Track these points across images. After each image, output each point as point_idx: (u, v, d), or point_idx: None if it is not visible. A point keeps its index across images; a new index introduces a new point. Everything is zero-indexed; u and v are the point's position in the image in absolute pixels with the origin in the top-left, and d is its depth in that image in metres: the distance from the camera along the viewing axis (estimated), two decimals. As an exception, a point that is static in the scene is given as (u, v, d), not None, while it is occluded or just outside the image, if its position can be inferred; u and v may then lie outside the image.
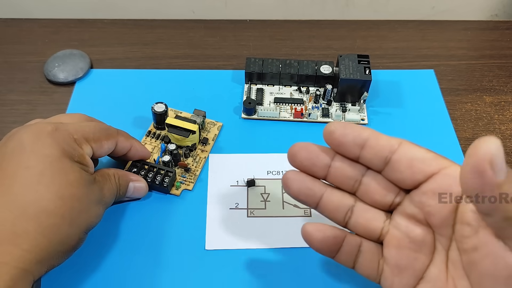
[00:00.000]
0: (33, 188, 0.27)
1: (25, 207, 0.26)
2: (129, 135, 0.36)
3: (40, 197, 0.27)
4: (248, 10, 0.60)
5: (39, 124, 0.30)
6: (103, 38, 0.53)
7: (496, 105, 0.47)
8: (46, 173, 0.27)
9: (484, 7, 0.61)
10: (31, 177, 0.27)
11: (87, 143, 0.31)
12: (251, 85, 0.47)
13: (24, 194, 0.27)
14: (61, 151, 0.28)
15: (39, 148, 0.28)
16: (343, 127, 0.26)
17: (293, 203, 0.38)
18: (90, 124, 0.33)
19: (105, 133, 0.33)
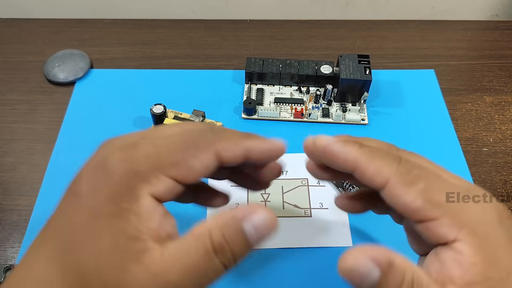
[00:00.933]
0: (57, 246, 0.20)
1: None
2: (239, 135, 0.24)
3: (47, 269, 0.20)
4: (248, 10, 0.60)
5: (108, 150, 0.22)
6: (103, 38, 0.53)
7: (497, 105, 0.47)
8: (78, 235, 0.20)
9: (484, 7, 0.61)
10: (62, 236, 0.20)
11: (160, 175, 0.21)
12: (251, 85, 0.47)
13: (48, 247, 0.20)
14: (109, 194, 0.20)
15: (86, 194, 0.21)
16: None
17: (293, 203, 0.38)
18: (173, 139, 0.22)
19: (193, 148, 0.22)
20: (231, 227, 0.20)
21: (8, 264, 0.33)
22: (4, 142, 0.43)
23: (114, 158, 0.21)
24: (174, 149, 0.21)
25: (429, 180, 0.22)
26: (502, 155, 0.43)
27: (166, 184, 0.21)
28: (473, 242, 0.20)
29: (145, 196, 0.20)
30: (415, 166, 0.22)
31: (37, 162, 0.41)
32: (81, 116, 0.45)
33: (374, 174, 0.22)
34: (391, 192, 0.22)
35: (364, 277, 0.19)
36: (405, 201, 0.21)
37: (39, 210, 0.38)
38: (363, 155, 0.22)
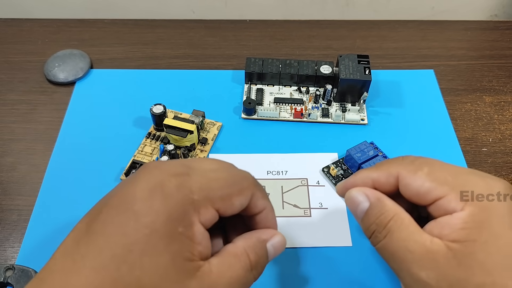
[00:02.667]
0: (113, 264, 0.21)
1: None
2: (265, 193, 0.27)
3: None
4: (248, 10, 0.60)
5: (160, 175, 0.23)
6: (103, 38, 0.53)
7: (496, 105, 0.47)
8: (135, 250, 0.21)
9: (484, 7, 0.61)
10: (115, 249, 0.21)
11: (209, 206, 0.23)
12: (251, 85, 0.47)
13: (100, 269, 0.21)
14: (167, 218, 0.22)
15: (144, 213, 0.22)
16: None
17: (293, 203, 0.38)
18: (221, 175, 0.25)
19: (238, 188, 0.25)
20: (259, 247, 0.25)
21: (8, 264, 0.33)
22: (4, 142, 0.43)
23: (171, 183, 0.23)
24: (223, 185, 0.24)
25: (432, 165, 0.26)
26: (501, 155, 0.43)
27: (212, 214, 0.23)
28: (472, 211, 0.23)
29: (197, 223, 0.23)
30: (417, 157, 0.27)
31: (37, 162, 0.41)
32: (81, 116, 0.45)
33: (387, 177, 0.26)
34: (403, 184, 0.26)
35: (356, 204, 0.27)
36: (416, 187, 0.25)
37: (39, 210, 0.38)
38: (372, 170, 0.27)
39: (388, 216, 0.25)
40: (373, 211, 0.26)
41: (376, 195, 0.26)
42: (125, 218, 0.22)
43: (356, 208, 0.27)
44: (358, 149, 0.39)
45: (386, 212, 0.25)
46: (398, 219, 0.25)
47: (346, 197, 0.27)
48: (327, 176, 0.40)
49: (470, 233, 0.23)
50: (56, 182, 0.40)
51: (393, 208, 0.25)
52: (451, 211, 0.24)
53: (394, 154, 0.41)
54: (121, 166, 0.40)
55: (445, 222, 0.24)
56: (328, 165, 0.41)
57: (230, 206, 0.24)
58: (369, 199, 0.26)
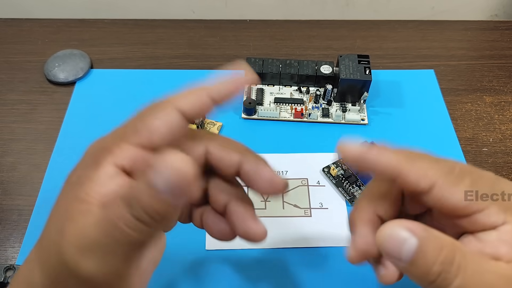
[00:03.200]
0: None
1: None
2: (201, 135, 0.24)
3: None
4: (248, 10, 0.60)
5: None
6: (104, 38, 0.53)
7: (496, 105, 0.47)
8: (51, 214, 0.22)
9: (484, 7, 0.61)
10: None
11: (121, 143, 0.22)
12: (251, 85, 0.47)
13: None
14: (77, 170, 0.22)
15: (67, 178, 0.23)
16: None
17: (293, 203, 0.38)
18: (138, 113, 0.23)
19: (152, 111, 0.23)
20: (140, 179, 0.19)
21: (9, 264, 0.33)
22: (4, 142, 0.43)
23: (90, 145, 0.22)
24: (134, 119, 0.22)
25: (471, 173, 0.22)
26: (502, 155, 0.43)
27: (130, 152, 0.21)
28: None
29: (106, 165, 0.21)
30: (455, 162, 0.23)
31: (37, 162, 0.41)
32: (81, 116, 0.45)
33: (420, 177, 0.22)
34: (439, 194, 0.21)
35: (401, 244, 0.19)
36: (455, 201, 0.21)
37: (39, 210, 0.38)
38: (404, 159, 0.22)
39: (451, 250, 0.20)
40: (429, 248, 0.19)
41: (420, 226, 0.20)
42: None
43: (400, 249, 0.20)
44: (359, 149, 0.39)
45: (446, 244, 0.20)
46: (460, 250, 0.20)
47: (381, 237, 0.20)
48: (328, 176, 0.40)
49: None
50: (56, 182, 0.39)
51: (447, 238, 0.20)
52: (491, 225, 0.21)
53: (395, 154, 0.41)
54: (121, 166, 0.40)
55: (496, 239, 0.21)
56: (328, 165, 0.41)
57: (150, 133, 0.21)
58: (415, 234, 0.19)
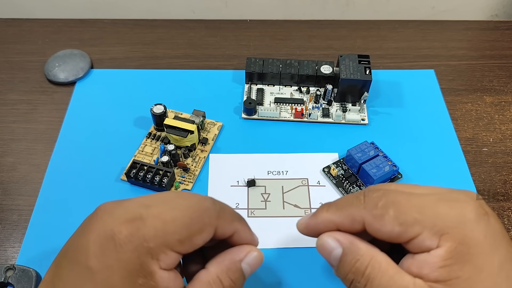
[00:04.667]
0: None
1: None
2: (233, 216, 0.26)
3: None
4: (249, 10, 0.60)
5: (111, 224, 0.22)
6: (104, 38, 0.53)
7: (497, 105, 0.47)
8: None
9: (484, 7, 0.61)
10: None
11: (168, 251, 0.22)
12: (252, 85, 0.47)
13: None
14: (123, 272, 0.21)
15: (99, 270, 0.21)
16: None
17: (293, 203, 0.38)
18: (178, 215, 0.23)
19: (197, 227, 0.23)
20: (233, 270, 0.25)
21: (9, 264, 0.33)
22: (4, 142, 0.43)
23: (122, 233, 0.21)
24: (180, 227, 0.23)
25: (397, 203, 0.23)
26: (502, 155, 0.43)
27: (173, 258, 0.23)
28: (450, 246, 0.22)
29: (158, 271, 0.22)
30: (380, 195, 0.24)
31: (37, 162, 0.41)
32: (81, 116, 0.45)
33: (351, 223, 0.24)
34: (371, 230, 0.24)
35: (329, 252, 0.25)
36: (386, 232, 0.23)
37: (39, 210, 0.38)
38: (332, 213, 0.25)
39: (364, 262, 0.23)
40: (347, 258, 0.24)
41: (348, 239, 0.24)
42: (82, 277, 0.21)
43: (329, 256, 0.25)
44: (359, 149, 0.39)
45: (361, 257, 0.23)
46: (376, 263, 0.23)
47: (317, 244, 0.25)
48: (328, 176, 0.40)
49: (452, 271, 0.22)
50: (56, 182, 0.40)
51: (368, 251, 0.24)
52: (427, 249, 0.22)
53: (395, 154, 0.41)
54: (121, 166, 0.40)
55: (423, 260, 0.22)
56: (328, 165, 0.41)
57: (192, 246, 0.23)
58: (341, 245, 0.24)
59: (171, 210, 0.23)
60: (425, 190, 0.24)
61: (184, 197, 0.24)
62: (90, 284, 0.21)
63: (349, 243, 0.24)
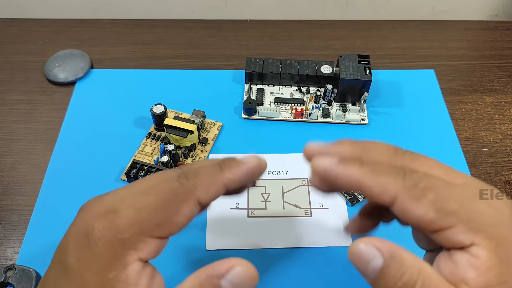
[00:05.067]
0: None
1: None
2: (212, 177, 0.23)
3: None
4: (248, 10, 0.60)
5: (88, 220, 0.22)
6: (104, 38, 0.53)
7: (497, 105, 0.47)
8: None
9: (484, 7, 0.61)
10: None
11: (146, 238, 0.21)
12: (252, 85, 0.47)
13: None
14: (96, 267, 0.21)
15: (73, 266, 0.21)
16: None
17: (293, 203, 0.38)
18: (151, 199, 0.22)
19: (174, 206, 0.22)
20: (207, 286, 0.21)
21: (9, 264, 0.33)
22: (4, 142, 0.43)
23: (96, 228, 0.21)
24: (155, 211, 0.21)
25: (437, 189, 0.21)
26: (502, 155, 0.43)
27: (155, 244, 0.21)
28: (489, 245, 0.20)
29: (133, 262, 0.21)
30: (421, 177, 0.22)
31: (37, 162, 0.41)
32: (81, 116, 0.45)
33: (381, 192, 0.21)
34: (401, 208, 0.21)
35: (367, 262, 0.21)
36: (417, 215, 0.21)
37: (39, 210, 0.38)
38: (366, 175, 0.22)
39: (413, 276, 0.20)
40: (391, 270, 0.20)
41: (389, 247, 0.21)
42: (60, 275, 0.21)
43: (366, 266, 0.21)
44: (359, 149, 0.39)
45: (409, 269, 0.20)
46: (426, 278, 0.20)
47: (352, 252, 0.21)
48: (328, 176, 0.40)
49: (499, 274, 0.20)
50: (56, 182, 0.40)
51: (415, 263, 0.20)
52: (458, 243, 0.21)
53: (395, 154, 0.41)
54: (121, 166, 0.40)
55: (467, 262, 0.20)
56: (328, 165, 0.41)
57: (173, 227, 0.22)
58: (382, 254, 0.20)
59: (144, 197, 0.22)
60: (463, 179, 0.23)
61: (155, 178, 0.23)
62: (65, 281, 0.21)
63: (392, 252, 0.21)
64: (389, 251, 0.21)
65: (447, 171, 0.23)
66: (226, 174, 0.23)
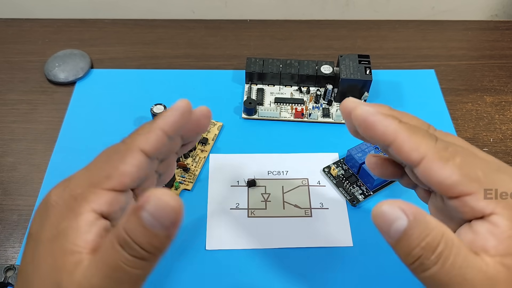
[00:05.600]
0: None
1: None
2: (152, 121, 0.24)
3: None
4: (249, 10, 0.60)
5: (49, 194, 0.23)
6: (104, 38, 0.53)
7: (497, 105, 0.47)
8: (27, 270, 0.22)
9: (484, 7, 0.61)
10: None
11: (97, 190, 0.22)
12: (252, 85, 0.47)
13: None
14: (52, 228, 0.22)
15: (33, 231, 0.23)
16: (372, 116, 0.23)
17: (293, 203, 0.38)
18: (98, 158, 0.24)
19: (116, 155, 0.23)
20: (131, 219, 0.20)
21: (9, 264, 0.33)
22: (4, 142, 0.43)
23: (53, 193, 0.23)
24: (100, 164, 0.23)
25: (465, 156, 0.22)
26: (502, 155, 0.43)
27: (106, 196, 0.22)
28: (510, 215, 0.21)
29: (85, 212, 0.21)
30: (451, 144, 0.23)
31: (37, 162, 0.41)
32: (81, 116, 0.45)
33: (412, 149, 0.22)
34: (427, 168, 0.22)
35: (391, 223, 0.21)
36: (442, 176, 0.22)
37: (39, 210, 0.38)
38: (402, 130, 0.23)
39: (436, 238, 0.20)
40: (415, 231, 0.21)
41: (415, 210, 0.21)
42: (27, 245, 0.23)
43: (389, 227, 0.21)
44: (359, 149, 0.39)
45: (432, 231, 0.20)
46: (448, 241, 0.20)
47: (376, 213, 0.21)
48: (328, 176, 0.40)
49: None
50: (56, 182, 0.39)
51: (438, 226, 0.21)
52: (479, 211, 0.21)
53: (395, 154, 0.41)
54: (121, 166, 0.40)
55: (487, 231, 0.21)
56: (329, 165, 0.41)
57: (122, 177, 0.22)
58: (406, 216, 0.21)
59: (93, 161, 0.24)
60: (487, 156, 0.24)
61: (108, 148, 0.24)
62: (29, 248, 0.22)
63: (417, 214, 0.21)
64: (413, 213, 0.21)
65: (475, 148, 0.24)
66: (158, 121, 0.23)
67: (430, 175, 0.22)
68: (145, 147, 0.23)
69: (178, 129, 0.24)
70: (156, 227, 0.19)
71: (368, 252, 0.35)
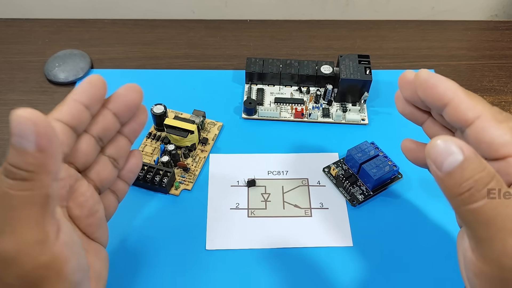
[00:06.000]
0: None
1: None
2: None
3: None
4: (249, 10, 0.60)
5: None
6: (104, 38, 0.53)
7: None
8: None
9: (484, 7, 0.61)
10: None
11: None
12: (252, 85, 0.47)
13: None
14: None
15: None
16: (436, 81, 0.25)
17: (293, 203, 0.38)
18: None
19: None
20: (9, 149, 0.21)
21: None
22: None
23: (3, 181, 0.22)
24: None
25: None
26: (502, 155, 0.43)
27: None
28: None
29: None
30: (506, 112, 0.25)
31: (37, 162, 0.41)
32: (81, 116, 0.45)
33: (468, 108, 0.24)
34: (481, 126, 0.24)
35: (446, 156, 0.21)
36: (494, 134, 0.23)
37: (39, 210, 0.38)
38: (461, 91, 0.25)
39: (489, 175, 0.21)
40: (471, 165, 0.21)
41: (472, 149, 0.22)
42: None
43: (444, 159, 0.22)
44: (359, 149, 0.39)
45: (487, 169, 0.22)
46: (499, 180, 0.22)
47: (435, 144, 0.22)
48: (328, 176, 0.40)
49: None
50: (56, 182, 0.40)
51: (491, 167, 0.22)
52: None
53: (395, 154, 0.41)
54: (121, 166, 0.40)
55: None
56: (328, 165, 0.41)
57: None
58: (463, 152, 0.21)
59: None
60: None
61: None
62: None
63: (474, 153, 0.22)
64: (472, 151, 0.22)
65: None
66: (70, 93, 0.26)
67: (482, 133, 0.23)
68: (58, 115, 0.25)
69: (90, 97, 0.26)
70: (22, 143, 0.21)
71: (368, 252, 0.35)
